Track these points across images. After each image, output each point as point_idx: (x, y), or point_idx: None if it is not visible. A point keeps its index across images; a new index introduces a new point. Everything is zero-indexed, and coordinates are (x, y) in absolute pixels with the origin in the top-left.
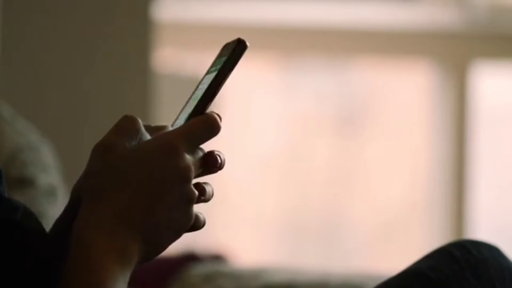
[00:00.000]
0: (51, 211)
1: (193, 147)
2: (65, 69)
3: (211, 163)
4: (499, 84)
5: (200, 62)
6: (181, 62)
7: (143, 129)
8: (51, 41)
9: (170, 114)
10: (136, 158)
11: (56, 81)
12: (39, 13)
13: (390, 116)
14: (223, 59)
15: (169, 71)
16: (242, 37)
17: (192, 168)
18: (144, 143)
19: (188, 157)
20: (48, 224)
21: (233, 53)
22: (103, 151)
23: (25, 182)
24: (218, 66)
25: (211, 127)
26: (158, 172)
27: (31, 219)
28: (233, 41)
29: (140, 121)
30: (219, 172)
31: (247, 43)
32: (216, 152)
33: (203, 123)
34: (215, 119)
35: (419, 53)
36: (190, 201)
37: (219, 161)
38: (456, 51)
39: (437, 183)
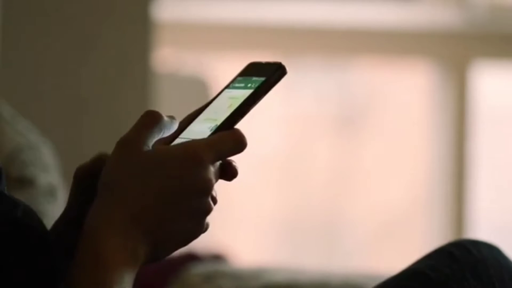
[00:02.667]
0: (51, 210)
1: (218, 160)
2: (65, 69)
3: (230, 174)
4: (499, 84)
5: (200, 62)
6: (181, 62)
7: (166, 123)
8: (51, 41)
9: (170, 114)
10: (161, 162)
11: (56, 81)
12: (39, 13)
13: (390, 116)
14: (260, 79)
15: (169, 71)
16: (283, 63)
17: (214, 181)
18: (172, 148)
19: (212, 170)
20: (48, 224)
21: (272, 76)
22: (124, 147)
23: (25, 182)
24: (251, 85)
25: (240, 144)
26: (181, 180)
27: (32, 216)
28: (270, 64)
29: (163, 116)
30: None
31: (287, 69)
32: (234, 164)
33: (233, 138)
34: (243, 136)
35: (419, 53)
36: (206, 213)
37: (237, 173)
38: (456, 51)
39: (437, 183)
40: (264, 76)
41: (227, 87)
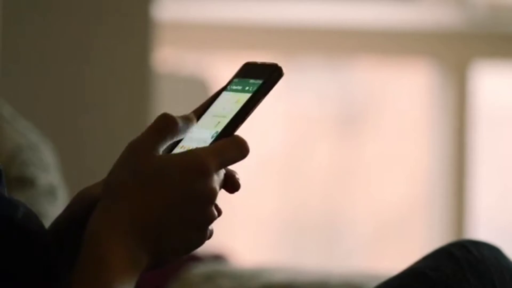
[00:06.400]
0: (51, 211)
1: (222, 168)
2: (65, 69)
3: (232, 188)
4: (499, 84)
5: (200, 62)
6: (181, 62)
7: (180, 129)
8: (51, 41)
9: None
10: (166, 170)
11: (56, 81)
12: (39, 13)
13: (390, 116)
14: (257, 82)
15: (169, 71)
16: (279, 64)
17: (217, 189)
18: (177, 157)
19: (216, 179)
20: (48, 224)
21: (269, 78)
22: (133, 151)
23: (25, 182)
24: (249, 88)
25: (242, 151)
26: (185, 189)
27: (32, 218)
28: (266, 65)
29: (179, 120)
30: None
31: (283, 71)
32: (236, 176)
33: (235, 146)
34: (246, 143)
35: (419, 53)
36: (209, 222)
37: (239, 186)
38: (456, 51)
39: (437, 183)
40: (261, 79)
41: (224, 89)
